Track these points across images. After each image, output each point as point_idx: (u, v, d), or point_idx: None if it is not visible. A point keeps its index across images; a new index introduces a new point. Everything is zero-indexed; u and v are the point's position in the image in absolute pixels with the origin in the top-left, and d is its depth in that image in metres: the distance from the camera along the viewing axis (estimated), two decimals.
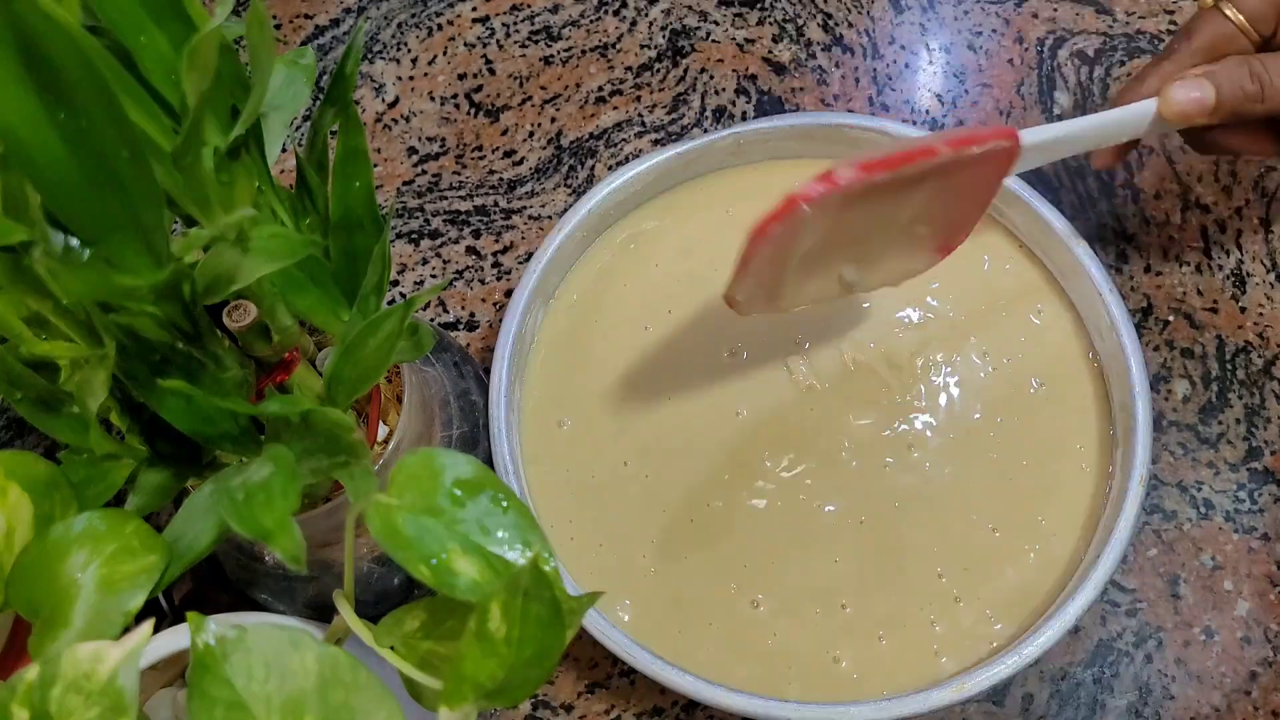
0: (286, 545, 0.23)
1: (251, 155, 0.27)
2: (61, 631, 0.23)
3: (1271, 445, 0.42)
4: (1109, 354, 0.40)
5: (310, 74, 0.29)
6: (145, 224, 0.22)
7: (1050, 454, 0.40)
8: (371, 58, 0.54)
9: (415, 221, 0.49)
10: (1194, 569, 0.40)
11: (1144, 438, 0.38)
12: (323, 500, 0.32)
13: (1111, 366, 0.40)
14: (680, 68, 0.52)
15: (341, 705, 0.22)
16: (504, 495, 0.24)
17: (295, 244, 0.25)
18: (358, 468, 0.26)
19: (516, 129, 0.51)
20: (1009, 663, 0.35)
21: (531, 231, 0.49)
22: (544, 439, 0.41)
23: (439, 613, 0.25)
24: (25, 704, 0.21)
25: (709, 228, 0.45)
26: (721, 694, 0.35)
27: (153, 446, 0.29)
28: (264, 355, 0.31)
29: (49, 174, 0.20)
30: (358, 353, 0.27)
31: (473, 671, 0.21)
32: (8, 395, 0.26)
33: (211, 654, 0.21)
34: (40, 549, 0.24)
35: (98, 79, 0.20)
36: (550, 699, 0.40)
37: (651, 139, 0.50)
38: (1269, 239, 0.46)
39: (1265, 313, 0.44)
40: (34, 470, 0.25)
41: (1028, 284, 0.43)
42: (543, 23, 0.54)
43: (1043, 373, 0.41)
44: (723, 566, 0.39)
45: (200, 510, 0.26)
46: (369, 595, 0.36)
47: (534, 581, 0.21)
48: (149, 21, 0.24)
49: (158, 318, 0.26)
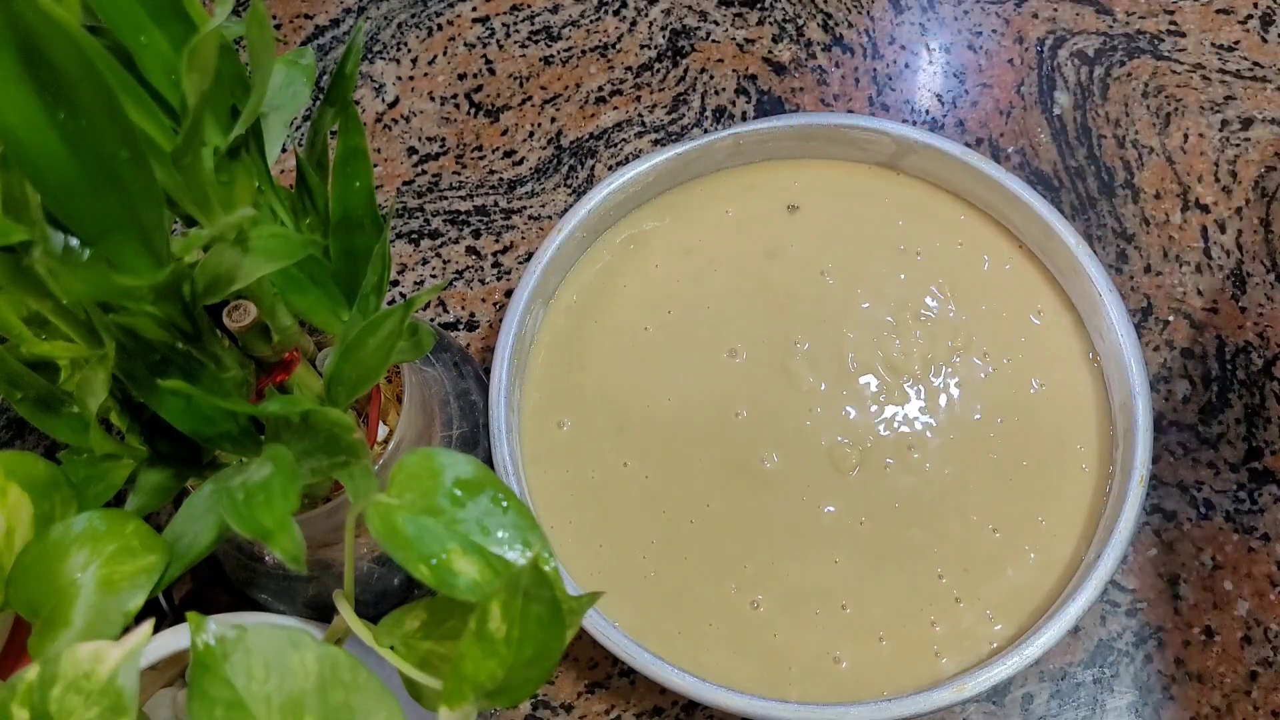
0: (286, 545, 0.23)
1: (251, 155, 0.27)
2: (61, 631, 0.23)
3: (1271, 445, 0.42)
4: (1109, 354, 0.40)
5: (310, 74, 0.29)
6: (145, 224, 0.22)
7: (1050, 454, 0.40)
8: (371, 58, 0.54)
9: (415, 221, 0.49)
10: (1194, 569, 0.40)
11: (1144, 438, 0.38)
12: (323, 500, 0.32)
13: (1112, 366, 0.40)
14: (680, 68, 0.52)
15: (341, 705, 0.22)
16: (504, 495, 0.24)
17: (295, 244, 0.25)
18: (358, 468, 0.26)
19: (516, 129, 0.51)
20: (1009, 663, 0.35)
21: (531, 231, 0.49)
22: (544, 439, 0.41)
23: (439, 613, 0.25)
24: (25, 704, 0.21)
25: (709, 228, 0.45)
26: (722, 694, 0.35)
27: (153, 446, 0.29)
28: (264, 355, 0.31)
29: (49, 174, 0.20)
30: (357, 353, 0.27)
31: (473, 671, 0.21)
32: (8, 395, 0.26)
33: (211, 654, 0.21)
34: (40, 549, 0.24)
35: (98, 79, 0.20)
36: (550, 699, 0.40)
37: (651, 139, 0.50)
38: (1269, 239, 0.46)
39: (1265, 313, 0.44)
40: (34, 470, 0.25)
41: (1028, 284, 0.43)
42: (543, 23, 0.54)
43: (1043, 373, 0.41)
44: (723, 567, 0.39)
45: (200, 510, 0.26)
46: (369, 595, 0.36)
47: (534, 581, 0.21)
48: (149, 21, 0.24)
49: (157, 318, 0.26)
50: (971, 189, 0.44)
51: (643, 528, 0.40)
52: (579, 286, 0.44)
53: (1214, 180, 0.47)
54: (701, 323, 0.43)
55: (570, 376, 0.42)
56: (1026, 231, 0.43)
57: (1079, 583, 0.36)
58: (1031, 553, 0.38)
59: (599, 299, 0.44)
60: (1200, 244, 0.46)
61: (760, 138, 0.45)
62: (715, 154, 0.45)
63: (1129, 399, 0.39)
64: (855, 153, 0.45)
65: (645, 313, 0.43)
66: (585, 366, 0.42)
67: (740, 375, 0.42)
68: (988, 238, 0.44)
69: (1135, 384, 0.39)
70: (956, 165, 0.43)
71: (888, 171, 0.45)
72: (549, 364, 0.43)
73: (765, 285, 0.43)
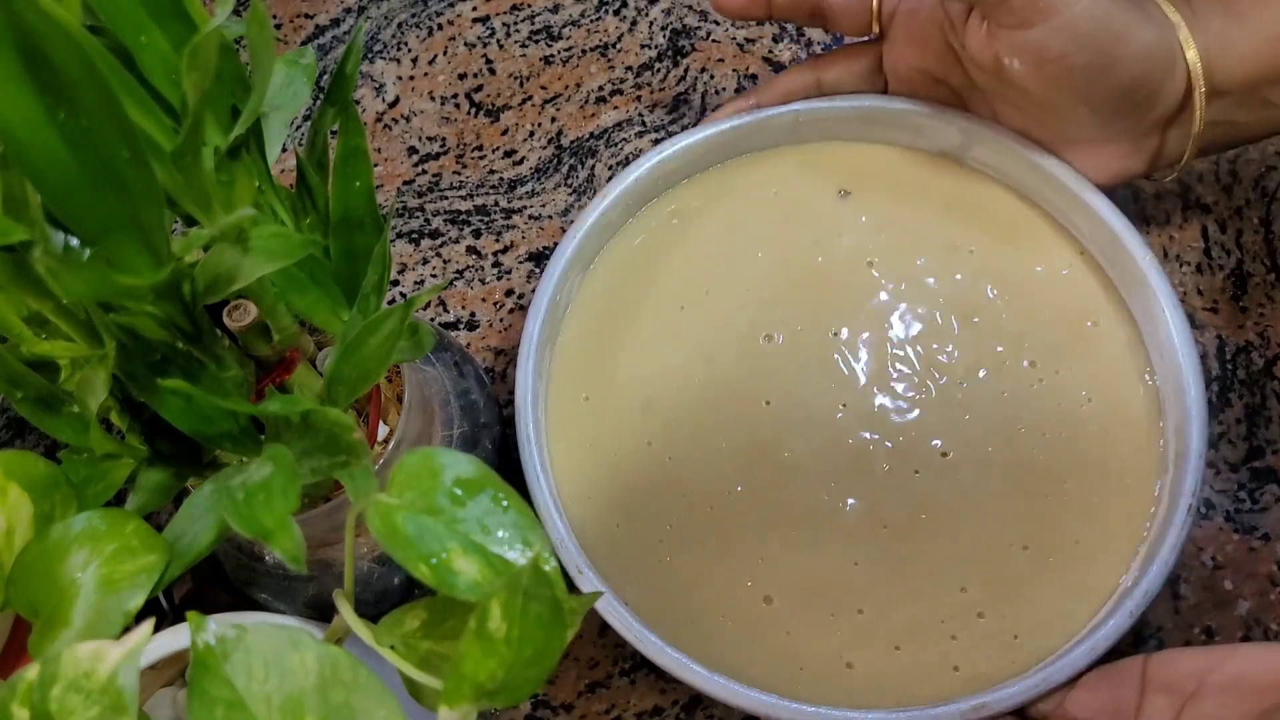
0: (286, 545, 0.23)
1: (252, 155, 0.27)
2: (61, 631, 0.23)
3: (1272, 445, 0.42)
4: (1167, 374, 0.38)
5: (310, 74, 0.29)
6: (145, 223, 0.22)
7: (1094, 473, 0.38)
8: (372, 57, 0.54)
9: (415, 221, 0.49)
10: (1194, 569, 0.40)
11: (1196, 464, 0.36)
12: (323, 500, 0.32)
13: (1169, 387, 0.38)
14: (681, 67, 0.52)
15: (341, 705, 0.22)
16: (504, 494, 0.24)
17: (295, 244, 0.25)
18: (358, 467, 0.26)
19: (517, 129, 0.51)
20: (1032, 682, 0.33)
21: (532, 231, 0.49)
22: (569, 410, 0.40)
23: (439, 612, 0.25)
24: (25, 703, 0.21)
25: (756, 207, 0.43)
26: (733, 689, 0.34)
27: (153, 446, 0.29)
28: (264, 355, 0.31)
29: (49, 173, 0.20)
30: (358, 352, 0.27)
31: (473, 671, 0.21)
32: (8, 394, 0.26)
33: (211, 653, 0.21)
34: (40, 548, 0.24)
35: (98, 79, 0.20)
36: (550, 699, 0.40)
37: (652, 138, 0.50)
38: (1269, 239, 0.46)
39: (1265, 313, 0.44)
40: (34, 470, 0.25)
41: (1085, 292, 0.41)
42: (543, 22, 0.54)
43: (1093, 388, 0.39)
44: (739, 558, 0.38)
45: (200, 510, 0.26)
46: (369, 595, 0.36)
47: (534, 581, 0.21)
48: (149, 21, 0.24)
49: (158, 317, 0.26)
50: (1036, 188, 0.42)
51: (661, 511, 0.38)
52: (618, 257, 0.43)
53: (1214, 180, 0.47)
54: (739, 304, 0.42)
55: (600, 349, 0.41)
56: (1091, 237, 0.41)
57: (1113, 609, 0.35)
58: (1063, 574, 0.37)
59: (637, 272, 0.43)
60: (1200, 244, 0.46)
61: (820, 116, 0.43)
62: (771, 130, 0.43)
63: (1184, 422, 0.37)
64: (917, 139, 0.43)
65: (683, 290, 0.42)
66: (616, 340, 0.41)
67: (774, 362, 0.40)
68: (1047, 240, 0.42)
69: (1193, 408, 0.37)
70: (1024, 162, 0.41)
71: (948, 161, 0.44)
72: (580, 334, 0.42)
73: (808, 271, 0.42)
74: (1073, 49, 0.36)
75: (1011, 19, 0.36)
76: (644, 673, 0.40)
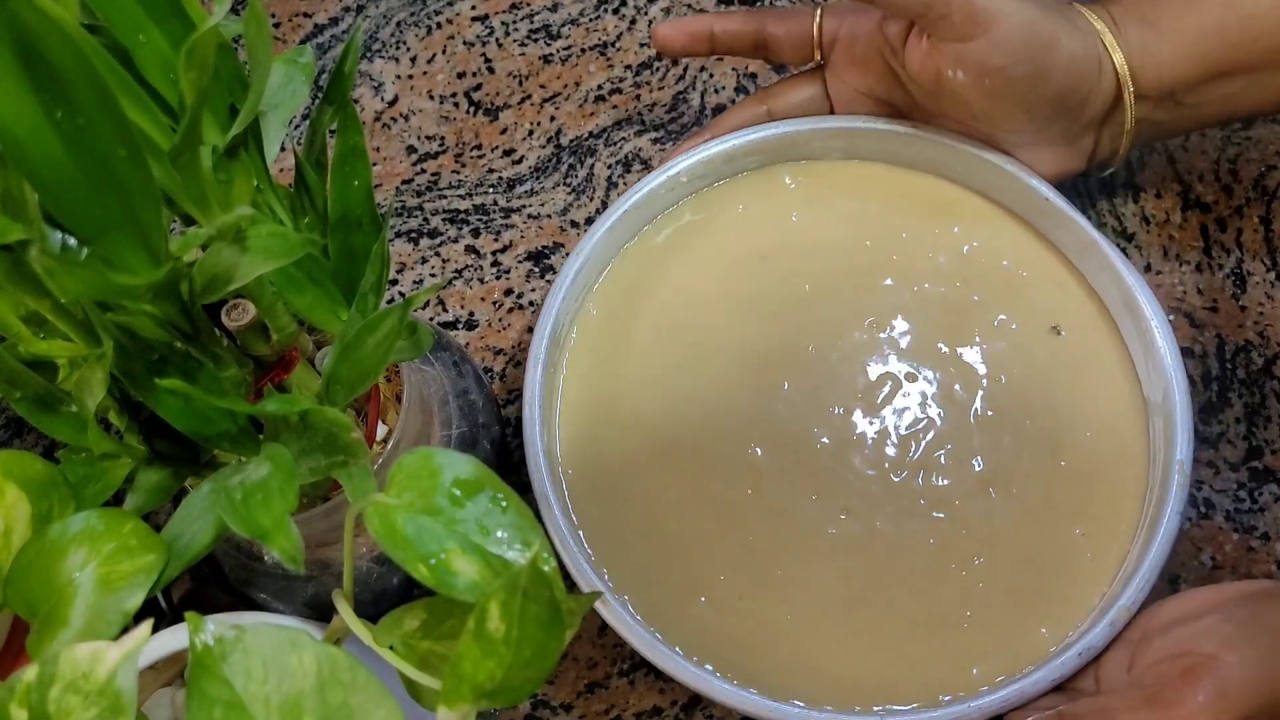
0: (284, 545, 0.23)
1: (250, 154, 0.27)
2: (60, 631, 0.23)
3: (1272, 445, 0.42)
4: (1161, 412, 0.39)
5: (309, 73, 0.29)
6: (143, 223, 0.22)
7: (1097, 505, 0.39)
8: (370, 56, 0.54)
9: (414, 220, 0.49)
10: (1194, 569, 0.40)
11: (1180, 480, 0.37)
12: (321, 500, 0.32)
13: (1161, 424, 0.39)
14: (680, 66, 0.52)
15: (340, 705, 0.22)
16: (503, 495, 0.24)
17: (293, 243, 0.25)
18: (356, 467, 0.26)
19: (516, 128, 0.51)
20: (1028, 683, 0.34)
21: (531, 230, 0.49)
22: (579, 408, 0.41)
23: (438, 613, 0.25)
24: (24, 704, 0.21)
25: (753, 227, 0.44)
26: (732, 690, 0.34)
27: (151, 446, 0.28)
28: (262, 354, 0.31)
29: (47, 173, 0.20)
30: (356, 352, 0.27)
31: (472, 671, 0.21)
32: (6, 394, 0.26)
33: (210, 654, 0.21)
34: (38, 548, 0.24)
35: (95, 78, 0.20)
36: (550, 699, 0.40)
37: (651, 138, 0.50)
38: (1269, 238, 0.46)
39: (1265, 312, 0.44)
40: (32, 469, 0.25)
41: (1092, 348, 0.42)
42: (542, 21, 0.54)
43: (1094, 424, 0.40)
44: (739, 562, 0.38)
45: (198, 509, 0.26)
46: (368, 595, 0.36)
47: (533, 581, 0.21)
48: (147, 20, 0.24)
49: (156, 317, 0.26)
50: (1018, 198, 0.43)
51: (662, 514, 0.39)
52: (639, 259, 0.44)
53: (1214, 179, 0.47)
54: (738, 320, 0.42)
55: (614, 348, 0.42)
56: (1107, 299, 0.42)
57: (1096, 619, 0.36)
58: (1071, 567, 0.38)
59: (655, 275, 0.44)
60: (1200, 243, 0.46)
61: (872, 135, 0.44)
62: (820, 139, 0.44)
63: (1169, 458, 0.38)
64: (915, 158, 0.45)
65: (701, 296, 0.43)
66: (629, 342, 0.42)
67: (776, 376, 0.41)
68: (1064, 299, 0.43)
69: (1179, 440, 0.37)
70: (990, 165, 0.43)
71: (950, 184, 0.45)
72: (595, 332, 0.43)
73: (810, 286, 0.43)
74: (1010, 61, 0.37)
75: (952, 33, 0.38)
76: (643, 673, 0.40)
